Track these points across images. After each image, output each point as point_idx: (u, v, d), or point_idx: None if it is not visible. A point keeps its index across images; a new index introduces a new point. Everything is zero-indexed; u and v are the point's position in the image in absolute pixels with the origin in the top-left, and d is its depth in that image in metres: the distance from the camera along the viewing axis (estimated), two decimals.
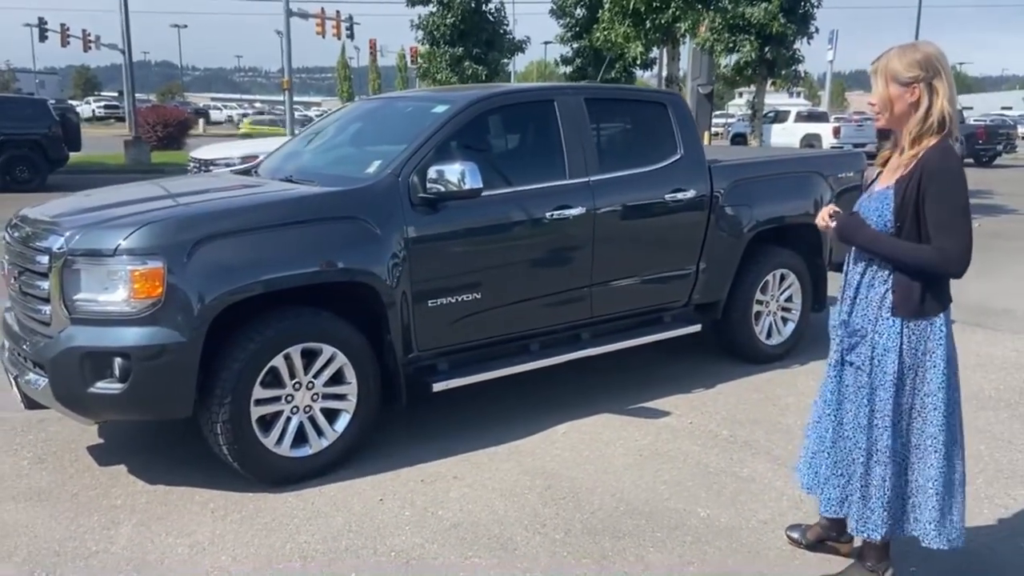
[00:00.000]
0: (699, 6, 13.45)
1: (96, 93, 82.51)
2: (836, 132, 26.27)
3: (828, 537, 2.96)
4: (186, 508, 3.30)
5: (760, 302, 5.15)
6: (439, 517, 3.25)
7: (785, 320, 5.32)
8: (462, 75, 18.70)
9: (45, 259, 3.25)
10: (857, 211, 2.60)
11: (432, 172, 3.72)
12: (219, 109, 64.87)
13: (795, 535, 3.03)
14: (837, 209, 2.62)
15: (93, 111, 53.83)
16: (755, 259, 5.05)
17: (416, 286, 3.76)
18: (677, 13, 13.27)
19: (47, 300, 3.27)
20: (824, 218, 2.63)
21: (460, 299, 3.92)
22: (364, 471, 3.63)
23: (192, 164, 10.06)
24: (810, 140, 26.29)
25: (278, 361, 3.41)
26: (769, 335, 5.24)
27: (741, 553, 3.00)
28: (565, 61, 20.98)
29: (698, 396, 4.64)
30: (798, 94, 37.36)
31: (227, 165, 9.20)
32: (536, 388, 4.57)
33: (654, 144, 4.73)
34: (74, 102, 47.84)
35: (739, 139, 28.89)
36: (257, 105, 74.64)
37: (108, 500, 3.35)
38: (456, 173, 3.68)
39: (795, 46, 15.65)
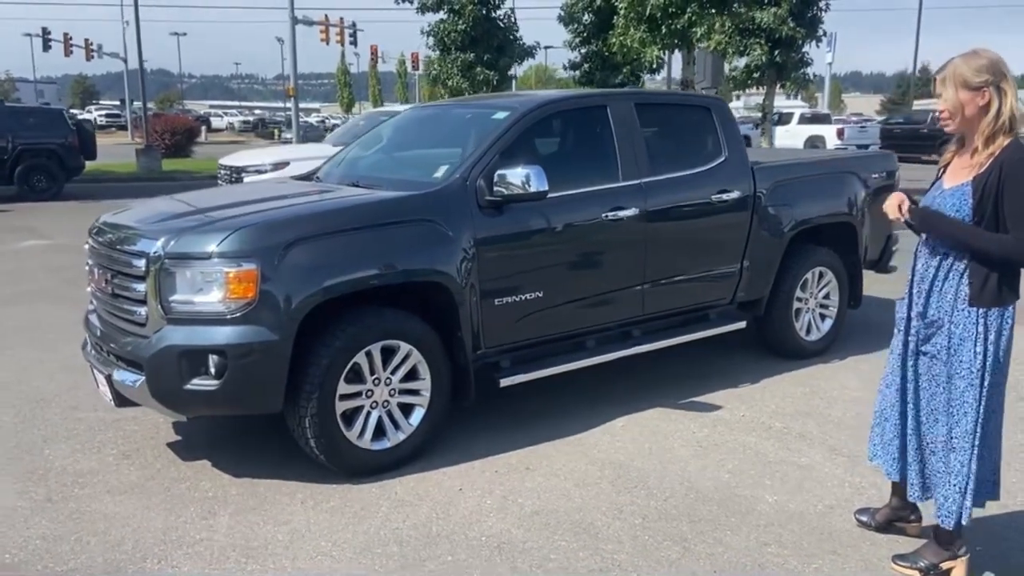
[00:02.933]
0: (713, 11, 13.64)
1: (95, 102, 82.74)
2: (840, 134, 26.50)
3: (897, 518, 3.11)
4: (276, 499, 3.44)
5: (800, 299, 5.32)
6: (519, 505, 3.40)
7: (823, 317, 5.49)
8: (473, 80, 18.87)
9: (141, 263, 3.40)
10: (928, 205, 2.76)
11: (499, 176, 3.88)
12: (220, 116, 65.02)
13: (864, 518, 3.19)
14: (913, 201, 2.78)
15: (95, 120, 53.94)
16: (795, 257, 5.22)
17: (484, 285, 3.91)
18: (693, 18, 13.46)
19: (142, 302, 3.42)
20: (895, 208, 2.78)
21: (523, 298, 4.08)
22: (438, 463, 3.78)
23: (222, 171, 10.21)
24: (814, 142, 26.52)
25: (360, 358, 3.56)
26: (808, 331, 5.40)
27: (814, 535, 3.15)
28: (573, 66, 21.17)
29: (745, 390, 4.80)
30: (795, 96, 37.60)
31: (258, 172, 9.38)
32: (591, 383, 4.72)
33: (700, 147, 4.91)
34: (74, 111, 48.02)
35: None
36: (258, 112, 74.73)
37: (200, 492, 3.50)
38: (522, 176, 3.84)
39: (804, 49, 15.87)
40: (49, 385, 4.84)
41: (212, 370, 3.34)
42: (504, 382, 4.02)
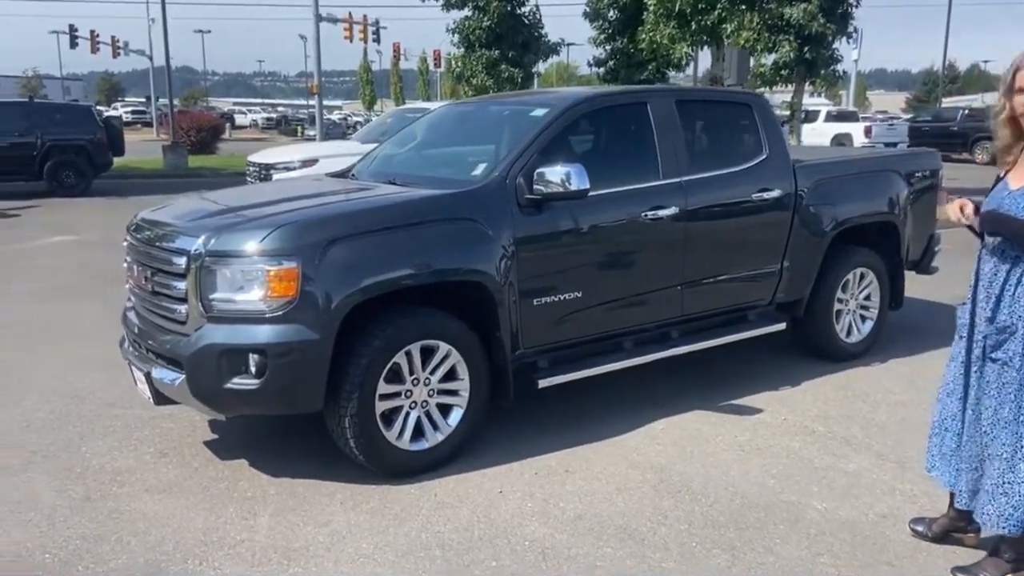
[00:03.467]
0: (743, 7, 13.47)
1: (121, 99, 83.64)
2: (868, 132, 26.16)
3: (955, 528, 3.02)
4: (315, 499, 3.41)
5: (840, 300, 5.20)
6: (561, 509, 3.34)
7: (864, 318, 5.37)
8: (497, 78, 18.82)
9: (182, 260, 3.38)
10: (994, 207, 2.65)
11: (539, 174, 3.82)
12: (243, 113, 65.50)
13: (920, 528, 3.09)
14: (972, 202, 2.69)
15: (120, 116, 54.50)
16: (836, 258, 5.11)
17: (523, 285, 3.85)
18: (723, 14, 13.30)
19: (182, 300, 3.40)
20: (958, 212, 2.69)
21: (562, 298, 4.02)
22: (477, 464, 3.73)
23: (251, 168, 10.22)
24: (840, 140, 26.19)
25: (400, 358, 3.51)
26: (849, 333, 5.28)
27: (866, 545, 3.06)
28: (597, 63, 21.02)
29: (786, 393, 4.70)
30: (819, 94, 37.18)
31: (286, 169, 9.38)
32: (629, 384, 4.65)
33: (741, 144, 4.81)
34: (101, 107, 48.53)
35: None
36: (280, 109, 75.23)
37: (239, 492, 3.47)
38: (562, 174, 3.77)
39: (834, 46, 15.64)
40: (84, 381, 4.85)
41: (252, 369, 3.31)
42: (543, 383, 3.96)
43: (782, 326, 4.94)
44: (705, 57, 19.15)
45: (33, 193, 15.31)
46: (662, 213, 4.28)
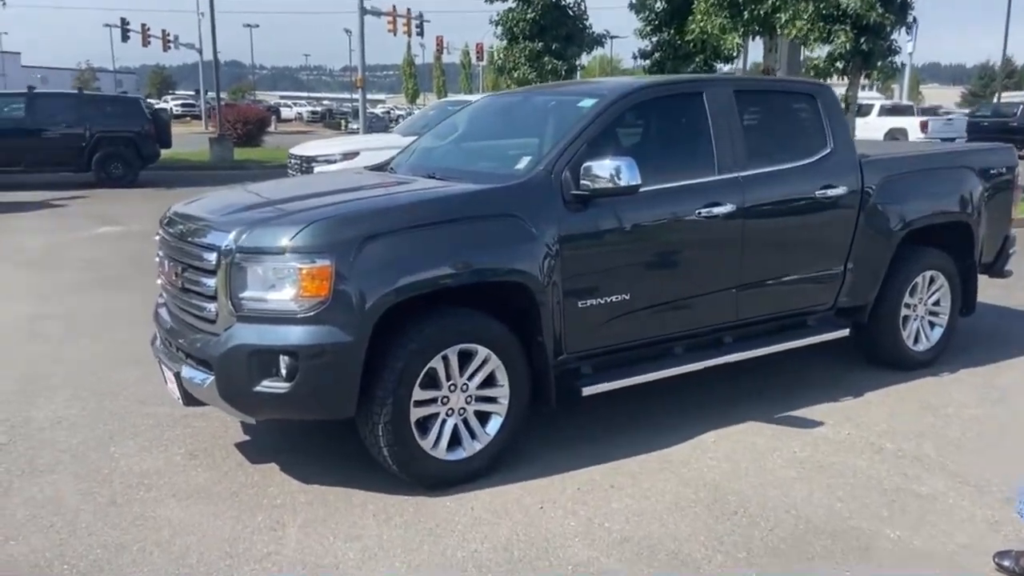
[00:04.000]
0: None
1: (172, 92, 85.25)
2: (924, 127, 25.25)
3: None
4: (347, 510, 3.23)
5: (908, 305, 4.87)
6: (607, 529, 3.11)
7: (932, 324, 5.02)
8: (540, 70, 18.55)
9: (212, 256, 3.22)
10: None
11: (586, 168, 3.58)
12: (289, 107, 66.19)
13: (1006, 563, 2.79)
14: None
15: (171, 109, 55.47)
16: (904, 260, 4.77)
17: (567, 286, 3.63)
18: (777, 3, 12.85)
19: (213, 297, 3.24)
20: None
21: (609, 300, 3.78)
22: (517, 476, 3.51)
23: (292, 161, 10.15)
24: (894, 135, 25.32)
25: (437, 362, 3.32)
26: (916, 340, 4.94)
27: None
28: (643, 55, 20.60)
29: (848, 405, 4.40)
30: (876, 87, 36.11)
31: (327, 162, 9.27)
32: (678, 392, 4.39)
33: (803, 137, 4.51)
34: (152, 100, 49.45)
35: None
36: (325, 102, 75.86)
37: (268, 499, 3.32)
38: (611, 169, 3.54)
39: (892, 37, 15.04)
40: (117, 377, 4.76)
41: (283, 372, 3.14)
42: (587, 390, 3.73)
43: (845, 332, 4.63)
44: (754, 49, 18.62)
45: (81, 184, 15.51)
46: (717, 211, 4.01)
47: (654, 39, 20.21)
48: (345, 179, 4.41)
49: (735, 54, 16.07)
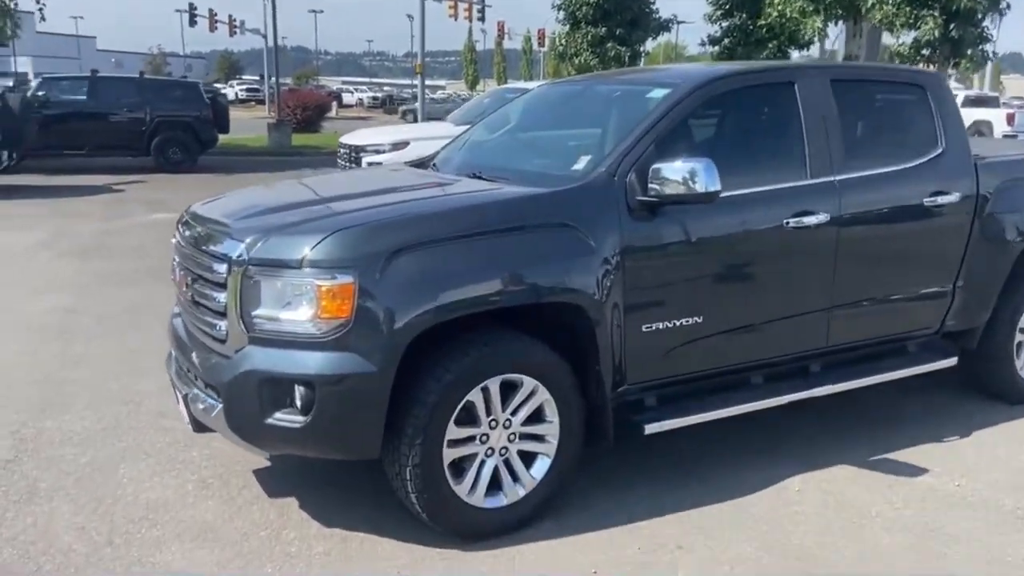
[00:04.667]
0: None
1: (239, 77, 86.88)
2: (1010, 119, 23.66)
3: None
4: (370, 564, 2.80)
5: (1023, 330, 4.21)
6: None
7: None
8: (603, 57, 17.92)
9: (223, 267, 2.82)
10: None
11: (655, 170, 3.07)
12: (350, 92, 66.58)
13: None
14: None
15: (236, 94, 56.26)
16: (1022, 278, 4.11)
17: (630, 307, 3.12)
18: None
19: (223, 314, 2.84)
20: None
21: (678, 323, 3.26)
22: (566, 528, 3.04)
23: (341, 150, 9.83)
24: (979, 127, 23.82)
25: (475, 395, 2.85)
26: None
27: None
28: (712, 41, 19.77)
29: (954, 446, 3.79)
30: (967, 77, 34.17)
31: (376, 152, 8.91)
32: (752, 423, 3.83)
33: (911, 135, 3.89)
34: (219, 85, 50.21)
35: None
36: (386, 88, 76.16)
37: (281, 546, 2.91)
38: (686, 171, 3.01)
39: (984, 24, 13.97)
40: (141, 384, 4.44)
41: (298, 403, 2.73)
42: (650, 428, 3.21)
43: (952, 362, 3.99)
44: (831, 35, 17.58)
45: (141, 168, 15.54)
46: (809, 220, 3.44)
47: (724, 24, 19.38)
48: (379, 178, 3.95)
49: (815, 40, 15.11)
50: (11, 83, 17.57)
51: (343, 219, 2.86)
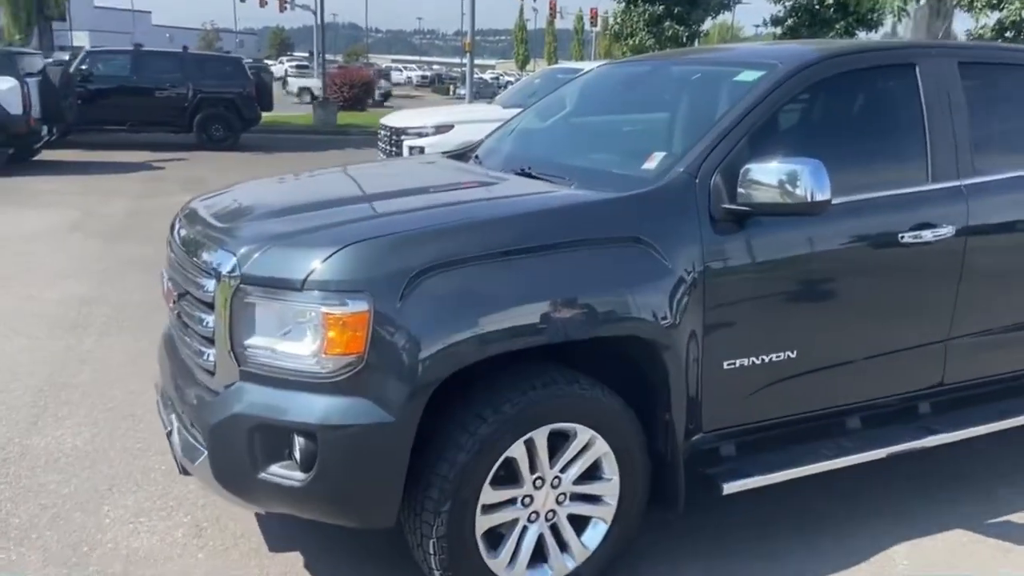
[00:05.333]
0: None
1: (289, 53, 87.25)
2: None
3: None
4: None
5: None
6: None
7: None
8: (660, 36, 17.09)
9: (211, 284, 2.30)
10: None
11: (747, 172, 2.46)
12: (399, 71, 66.23)
13: None
14: None
15: (286, 71, 56.27)
16: None
17: (711, 340, 2.53)
18: None
19: (212, 340, 2.33)
20: None
21: (768, 359, 2.66)
22: None
23: (382, 132, 9.32)
24: None
25: (517, 449, 2.30)
26: None
27: None
28: (775, 22, 18.76)
29: None
30: None
31: (419, 135, 8.38)
32: (842, 475, 3.22)
33: None
34: (269, 61, 50.13)
35: None
36: (436, 67, 75.64)
37: None
38: (784, 174, 2.41)
39: None
40: (145, 393, 3.97)
41: (297, 457, 2.21)
42: (729, 488, 2.61)
43: None
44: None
45: (183, 146, 15.28)
46: (931, 234, 2.81)
47: (788, 3, 18.36)
48: (409, 175, 3.35)
49: (897, 19, 14.05)
50: (67, 56, 17.42)
51: (358, 228, 2.31)
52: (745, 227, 2.56)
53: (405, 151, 8.18)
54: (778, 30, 19.11)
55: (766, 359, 2.66)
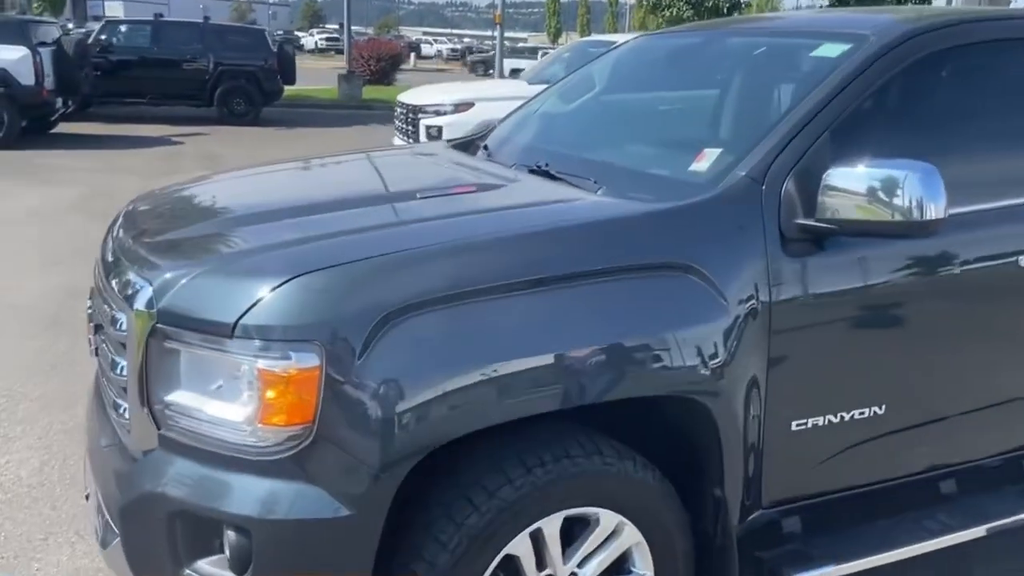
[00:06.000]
0: None
1: (321, 25, 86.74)
2: None
3: None
4: None
5: None
6: None
7: None
8: (699, 7, 16.22)
9: (122, 318, 1.77)
10: None
11: (830, 178, 1.86)
12: (429, 43, 65.39)
13: None
14: None
15: (316, 43, 55.79)
16: None
17: (777, 394, 1.95)
18: None
19: (127, 390, 1.80)
20: None
21: (849, 416, 2.08)
22: None
23: (398, 109, 8.76)
24: None
25: (520, 546, 1.75)
26: None
27: None
28: None
29: None
30: None
31: (437, 113, 7.80)
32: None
33: None
34: (300, 33, 49.73)
35: None
36: (466, 40, 74.66)
37: None
38: (880, 180, 1.80)
39: None
40: None
41: (227, 554, 1.68)
42: None
43: None
44: None
45: (204, 120, 14.82)
46: None
47: None
48: (396, 173, 2.68)
49: None
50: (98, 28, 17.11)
51: (312, 251, 1.74)
52: (824, 248, 1.96)
53: (422, 132, 7.61)
54: (825, 1, 18.13)
55: (846, 417, 2.07)
